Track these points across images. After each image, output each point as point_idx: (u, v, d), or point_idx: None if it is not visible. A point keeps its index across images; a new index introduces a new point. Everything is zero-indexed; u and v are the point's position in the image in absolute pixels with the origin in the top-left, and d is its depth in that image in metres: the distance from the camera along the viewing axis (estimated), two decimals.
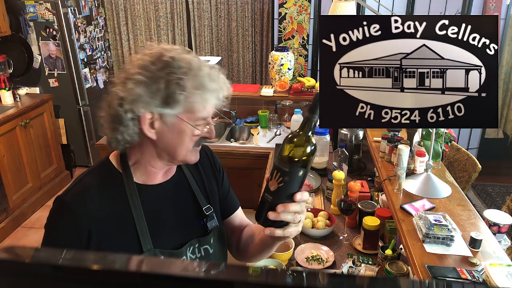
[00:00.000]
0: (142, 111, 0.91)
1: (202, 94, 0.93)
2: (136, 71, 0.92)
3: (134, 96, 0.90)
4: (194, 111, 0.94)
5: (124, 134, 0.94)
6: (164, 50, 0.93)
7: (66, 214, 0.95)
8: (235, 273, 0.44)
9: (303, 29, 3.89)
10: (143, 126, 0.93)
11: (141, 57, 0.94)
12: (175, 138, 0.96)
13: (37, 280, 0.43)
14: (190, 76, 0.91)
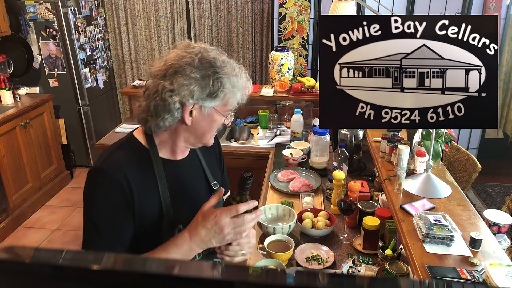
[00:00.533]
0: (191, 102, 1.05)
1: (235, 91, 1.10)
2: (185, 66, 1.05)
3: (187, 90, 1.04)
4: (227, 104, 1.11)
5: (166, 120, 1.07)
6: (204, 50, 1.08)
7: (107, 180, 1.05)
8: (235, 273, 0.44)
9: (303, 29, 3.89)
10: (185, 114, 1.07)
11: (184, 54, 1.07)
12: (207, 125, 1.12)
13: (37, 280, 0.43)
14: (228, 75, 1.07)
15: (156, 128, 1.10)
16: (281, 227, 1.74)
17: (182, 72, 1.04)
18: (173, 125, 1.10)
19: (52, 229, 3.44)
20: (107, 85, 4.63)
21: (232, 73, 1.09)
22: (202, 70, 1.05)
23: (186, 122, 1.09)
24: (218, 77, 1.06)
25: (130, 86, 3.41)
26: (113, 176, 1.05)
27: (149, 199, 1.10)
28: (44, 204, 3.78)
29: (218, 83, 1.06)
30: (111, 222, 1.06)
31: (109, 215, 1.06)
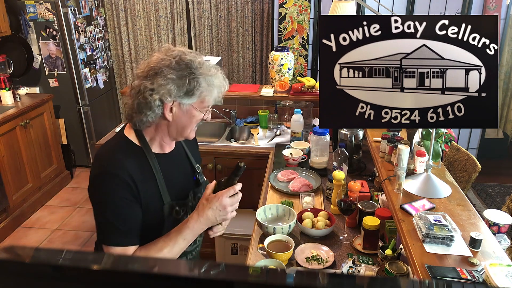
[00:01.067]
0: (169, 99, 1.19)
1: (211, 89, 1.24)
2: (164, 68, 1.18)
3: (165, 89, 1.17)
4: (204, 101, 1.25)
5: (149, 116, 1.20)
6: (182, 53, 1.21)
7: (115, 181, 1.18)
8: (235, 273, 0.44)
9: (303, 29, 3.89)
10: (165, 111, 1.21)
11: (163, 56, 1.20)
12: (187, 120, 1.25)
13: (37, 280, 0.43)
14: (204, 75, 1.21)
15: (141, 123, 1.23)
16: (281, 227, 1.74)
17: (161, 73, 1.18)
18: (155, 120, 1.23)
19: (52, 229, 3.44)
20: (107, 85, 4.63)
21: (208, 73, 1.22)
22: (179, 71, 1.18)
23: (167, 118, 1.22)
24: (194, 77, 1.19)
25: None
26: (120, 177, 1.18)
27: (149, 191, 1.24)
28: (44, 204, 3.78)
29: (194, 82, 1.19)
30: (126, 218, 1.20)
31: (123, 213, 1.20)
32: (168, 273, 0.42)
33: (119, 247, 1.21)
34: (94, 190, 1.22)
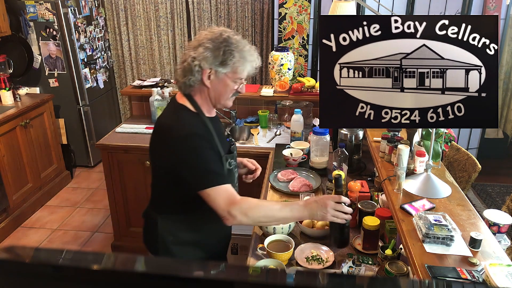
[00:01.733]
0: (206, 66, 1.41)
1: (243, 61, 1.44)
2: (205, 41, 1.41)
3: (203, 56, 1.40)
4: (236, 72, 1.45)
5: (191, 80, 1.44)
6: (223, 31, 1.44)
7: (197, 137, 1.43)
8: (235, 273, 0.44)
9: (303, 29, 3.89)
10: (204, 77, 1.43)
11: (208, 33, 1.44)
12: (221, 88, 1.47)
13: (37, 280, 0.43)
14: (238, 50, 1.42)
15: (185, 87, 1.47)
16: (281, 227, 1.74)
17: (202, 45, 1.41)
18: (197, 85, 1.46)
19: (52, 229, 3.44)
20: (107, 85, 4.63)
21: (242, 48, 1.43)
22: (216, 43, 1.40)
23: (206, 83, 1.45)
24: (228, 49, 1.40)
25: (130, 86, 3.41)
26: (200, 133, 1.44)
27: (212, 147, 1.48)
28: (44, 204, 3.78)
29: (228, 53, 1.40)
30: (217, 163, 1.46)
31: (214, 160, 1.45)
32: (168, 273, 0.42)
33: (222, 186, 1.42)
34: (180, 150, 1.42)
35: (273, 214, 1.46)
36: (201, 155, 1.42)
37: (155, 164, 1.58)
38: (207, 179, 1.42)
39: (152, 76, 4.72)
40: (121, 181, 2.91)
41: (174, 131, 1.44)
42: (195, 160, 1.43)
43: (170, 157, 1.46)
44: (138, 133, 2.98)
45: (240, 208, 1.40)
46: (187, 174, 1.45)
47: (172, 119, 1.48)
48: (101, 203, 3.78)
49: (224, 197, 1.40)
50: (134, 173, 2.88)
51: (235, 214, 1.39)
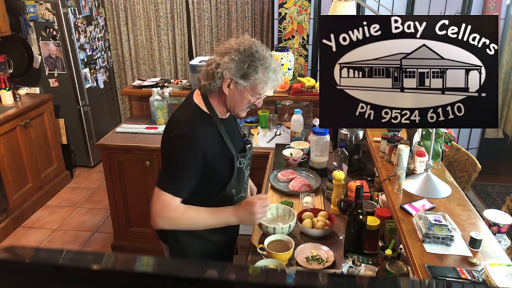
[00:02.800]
0: (228, 75, 1.43)
1: (265, 80, 1.46)
2: (232, 51, 1.43)
3: (227, 66, 1.42)
4: (256, 88, 1.47)
5: (211, 85, 1.47)
6: (253, 44, 1.45)
7: (191, 143, 1.44)
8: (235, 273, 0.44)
9: (303, 29, 3.89)
10: (224, 85, 1.46)
11: (238, 42, 1.46)
12: (238, 99, 1.50)
13: (37, 280, 0.43)
14: (263, 67, 1.44)
15: (205, 89, 1.50)
16: (281, 227, 1.74)
17: (229, 54, 1.43)
18: (216, 90, 1.49)
19: (52, 229, 3.44)
20: (107, 85, 4.63)
21: (267, 66, 1.45)
22: (243, 56, 1.42)
23: (224, 91, 1.47)
24: (252, 65, 1.42)
25: (130, 86, 3.41)
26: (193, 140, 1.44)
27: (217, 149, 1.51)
28: (44, 204, 3.78)
29: (251, 68, 1.42)
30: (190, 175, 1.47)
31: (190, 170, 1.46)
32: (168, 273, 0.42)
33: (168, 195, 1.44)
34: (170, 146, 1.47)
35: (198, 222, 1.52)
36: (179, 159, 1.46)
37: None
38: (164, 180, 1.47)
39: (152, 76, 4.72)
40: (121, 181, 2.91)
41: (177, 128, 1.48)
42: (170, 160, 1.48)
43: (162, 149, 1.54)
44: (138, 133, 2.98)
45: (167, 219, 1.47)
46: (163, 164, 1.52)
47: (182, 116, 1.53)
48: (101, 203, 3.78)
49: (161, 203, 1.45)
50: (134, 173, 2.87)
51: (160, 224, 1.48)
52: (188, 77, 4.62)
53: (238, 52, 1.42)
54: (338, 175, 1.90)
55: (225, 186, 1.58)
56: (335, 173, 1.92)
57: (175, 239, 1.64)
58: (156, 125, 3.09)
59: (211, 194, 1.58)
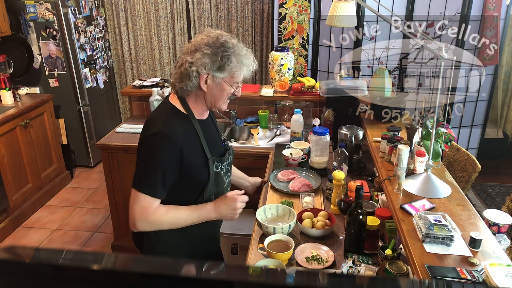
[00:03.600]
0: (204, 71, 1.42)
1: (240, 66, 1.46)
2: (202, 46, 1.41)
3: (201, 62, 1.40)
4: (234, 77, 1.47)
5: (188, 86, 1.45)
6: (219, 35, 1.44)
7: (167, 141, 1.42)
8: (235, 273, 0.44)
9: (303, 29, 3.89)
10: (201, 82, 1.45)
11: (204, 37, 1.44)
12: (217, 92, 1.49)
13: (37, 280, 0.43)
14: (235, 54, 1.44)
15: (182, 91, 1.48)
16: (281, 227, 1.74)
17: (199, 49, 1.41)
18: (193, 90, 1.47)
19: (52, 229, 3.44)
20: (107, 85, 4.63)
21: (239, 53, 1.45)
22: (214, 48, 1.41)
23: (203, 88, 1.46)
24: (226, 54, 1.41)
25: (130, 86, 3.41)
26: (171, 138, 1.42)
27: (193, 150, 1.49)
28: (44, 204, 3.78)
29: (226, 58, 1.41)
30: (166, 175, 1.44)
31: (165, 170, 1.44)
32: (168, 273, 0.42)
33: (148, 197, 1.43)
34: (146, 145, 1.46)
35: (179, 222, 1.51)
36: (155, 158, 1.44)
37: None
38: (141, 181, 1.45)
39: (152, 76, 4.72)
40: (121, 181, 2.91)
41: (151, 127, 1.46)
42: (146, 160, 1.46)
43: (138, 150, 1.53)
44: (138, 133, 2.97)
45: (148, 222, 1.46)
46: (137, 165, 1.50)
47: (157, 116, 1.51)
48: (101, 203, 3.78)
49: (141, 206, 1.44)
50: (134, 173, 2.87)
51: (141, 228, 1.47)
52: None
53: (208, 45, 1.41)
54: (338, 175, 1.90)
55: (203, 191, 1.55)
56: (335, 173, 1.92)
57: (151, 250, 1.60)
58: None
59: (190, 199, 1.55)
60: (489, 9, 3.52)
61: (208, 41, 1.42)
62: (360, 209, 1.55)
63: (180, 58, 1.48)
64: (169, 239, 1.59)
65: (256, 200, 2.02)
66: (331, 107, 2.52)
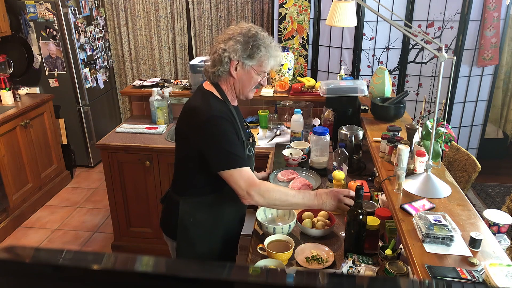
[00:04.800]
0: (235, 57, 1.53)
1: (269, 56, 1.57)
2: (236, 35, 1.53)
3: (233, 49, 1.52)
4: (262, 65, 1.58)
5: (219, 71, 1.57)
6: (251, 27, 1.56)
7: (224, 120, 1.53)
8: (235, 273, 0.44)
9: (303, 29, 3.89)
10: (231, 68, 1.56)
11: (237, 28, 1.57)
12: (246, 80, 1.59)
13: (37, 280, 0.43)
14: (265, 45, 1.55)
15: (214, 76, 1.59)
16: (281, 227, 1.74)
17: (233, 38, 1.53)
18: (224, 75, 1.58)
19: (52, 229, 3.44)
20: (107, 85, 4.63)
21: (269, 44, 1.56)
22: (246, 37, 1.52)
23: (233, 74, 1.57)
24: (256, 44, 1.52)
25: (130, 86, 3.41)
26: (225, 118, 1.54)
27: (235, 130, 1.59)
28: (44, 204, 3.78)
29: (256, 47, 1.52)
30: (238, 148, 1.55)
31: (236, 143, 1.54)
32: (168, 273, 0.42)
33: (243, 169, 1.52)
34: (208, 131, 1.52)
35: (287, 198, 1.58)
36: (225, 136, 1.53)
37: (180, 146, 1.67)
38: (230, 160, 1.52)
39: (152, 76, 4.72)
40: (121, 181, 2.91)
41: (202, 113, 1.53)
42: (220, 141, 1.52)
43: (196, 138, 1.56)
44: (138, 133, 2.98)
45: (259, 190, 1.52)
46: (212, 154, 1.54)
47: (200, 102, 1.58)
48: (101, 203, 3.78)
49: (245, 178, 1.52)
50: (134, 173, 2.88)
51: (253, 194, 1.51)
52: (188, 77, 4.62)
53: (241, 35, 1.53)
54: (338, 175, 1.90)
55: None
56: (335, 173, 1.92)
57: (184, 231, 1.68)
58: (156, 125, 3.09)
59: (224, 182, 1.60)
60: (489, 9, 3.51)
61: (241, 31, 1.54)
62: (360, 209, 1.55)
63: (214, 46, 1.59)
64: (204, 221, 1.69)
65: None
66: (331, 107, 2.52)
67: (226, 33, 1.58)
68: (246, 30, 1.54)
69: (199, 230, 1.69)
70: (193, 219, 1.68)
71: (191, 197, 1.68)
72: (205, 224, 1.69)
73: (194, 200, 1.68)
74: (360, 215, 1.55)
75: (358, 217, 1.55)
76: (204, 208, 1.68)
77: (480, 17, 3.56)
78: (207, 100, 1.58)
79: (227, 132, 1.53)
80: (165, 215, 1.81)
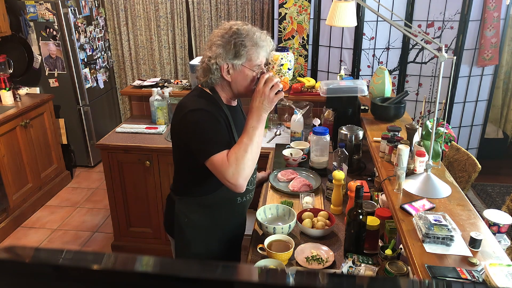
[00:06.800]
0: (222, 62, 1.49)
1: (256, 48, 1.49)
2: (216, 39, 1.49)
3: (216, 54, 1.48)
4: (252, 60, 1.50)
5: (212, 79, 1.53)
6: (231, 25, 1.50)
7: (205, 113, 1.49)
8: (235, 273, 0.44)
9: (303, 29, 3.89)
10: (223, 73, 1.51)
11: (218, 30, 1.52)
12: (242, 79, 1.53)
13: (37, 280, 0.43)
14: (248, 38, 1.47)
15: (207, 84, 1.56)
16: (281, 227, 1.74)
17: (215, 43, 1.49)
18: (218, 81, 1.54)
19: (52, 229, 3.44)
20: (107, 85, 4.63)
21: (252, 36, 1.48)
22: (226, 38, 1.47)
23: (226, 78, 1.52)
24: (238, 41, 1.46)
25: (130, 86, 3.41)
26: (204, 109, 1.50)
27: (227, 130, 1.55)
28: (44, 204, 3.78)
29: (239, 45, 1.46)
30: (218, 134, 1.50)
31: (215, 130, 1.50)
32: (168, 273, 0.42)
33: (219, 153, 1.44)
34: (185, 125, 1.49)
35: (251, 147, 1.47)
36: (204, 125, 1.49)
37: (174, 145, 1.66)
38: (205, 148, 1.47)
39: (152, 76, 4.72)
40: (121, 181, 2.91)
41: (185, 107, 1.52)
42: (199, 131, 1.49)
43: (181, 132, 1.54)
44: (138, 133, 2.98)
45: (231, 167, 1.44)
46: (194, 145, 1.51)
47: (186, 99, 1.58)
48: (101, 203, 3.78)
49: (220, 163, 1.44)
50: (134, 173, 2.88)
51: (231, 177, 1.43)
52: (188, 77, 4.62)
53: (220, 37, 1.48)
54: (338, 175, 1.90)
55: None
56: (335, 173, 1.92)
57: (180, 231, 1.68)
58: (156, 125, 3.09)
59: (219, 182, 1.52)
60: (489, 9, 3.51)
61: (221, 33, 1.49)
62: (360, 209, 1.55)
63: (202, 55, 1.57)
64: (199, 222, 1.67)
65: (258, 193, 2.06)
66: (331, 107, 2.52)
67: (209, 39, 1.54)
68: (226, 31, 1.49)
69: (194, 231, 1.68)
70: (188, 219, 1.67)
71: (185, 197, 1.67)
72: (201, 226, 1.68)
73: (188, 201, 1.67)
74: (360, 215, 1.55)
75: (358, 217, 1.55)
76: (199, 209, 1.67)
77: (480, 17, 3.56)
78: (194, 96, 1.57)
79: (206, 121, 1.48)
80: (165, 214, 1.81)
